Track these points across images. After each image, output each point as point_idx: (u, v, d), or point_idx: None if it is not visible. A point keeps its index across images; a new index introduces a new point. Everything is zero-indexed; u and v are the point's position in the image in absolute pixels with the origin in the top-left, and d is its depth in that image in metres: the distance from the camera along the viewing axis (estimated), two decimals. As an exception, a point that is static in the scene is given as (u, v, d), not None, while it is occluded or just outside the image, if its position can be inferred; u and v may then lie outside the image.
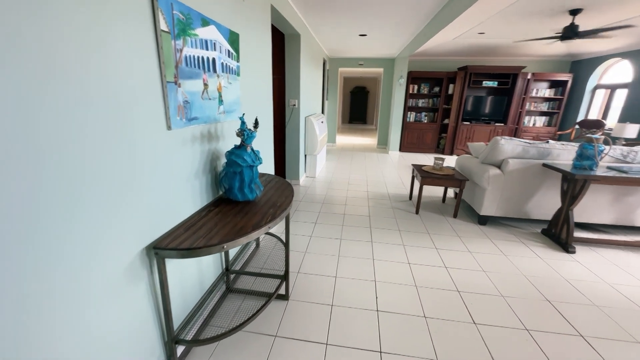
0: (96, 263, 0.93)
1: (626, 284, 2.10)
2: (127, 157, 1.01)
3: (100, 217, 0.93)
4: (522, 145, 2.80)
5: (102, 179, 0.92)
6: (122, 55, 0.96)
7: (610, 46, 5.13)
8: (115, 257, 1.00)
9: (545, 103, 6.53)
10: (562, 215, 2.64)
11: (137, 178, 1.07)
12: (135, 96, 1.03)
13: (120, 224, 1.01)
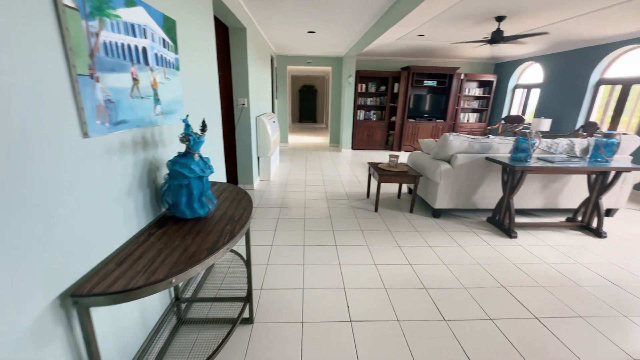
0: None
1: (560, 262, 2.35)
2: (21, 179, 0.73)
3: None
4: (468, 141, 2.98)
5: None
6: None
7: (525, 51, 5.85)
8: (7, 320, 0.72)
9: (476, 101, 7.22)
10: (504, 204, 2.88)
11: (40, 204, 0.78)
12: (28, 95, 0.74)
13: (13, 270, 0.72)
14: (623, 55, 4.49)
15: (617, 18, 3.62)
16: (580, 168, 2.60)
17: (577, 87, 5.02)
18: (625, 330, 1.66)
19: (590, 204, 2.91)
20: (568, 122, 5.19)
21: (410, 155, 3.76)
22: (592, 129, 4.54)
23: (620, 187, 3.12)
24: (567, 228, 2.99)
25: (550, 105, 5.60)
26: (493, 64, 7.29)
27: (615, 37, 4.31)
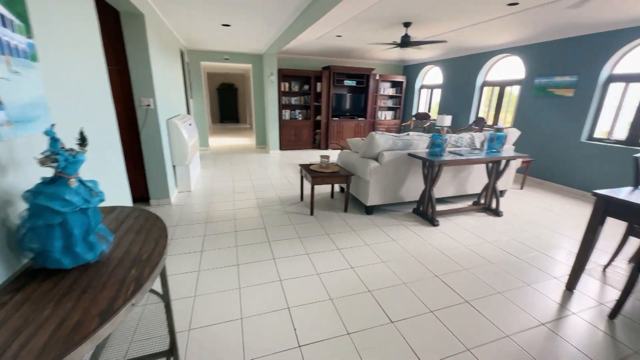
0: None
1: (474, 243, 2.65)
2: None
3: None
4: (392, 139, 3.13)
5: None
6: None
7: (427, 55, 6.59)
8: None
9: (390, 100, 7.86)
10: (426, 195, 3.12)
11: None
12: None
13: None
14: (500, 61, 5.43)
15: (496, 30, 4.31)
16: (482, 159, 2.99)
17: (468, 88, 5.89)
18: (531, 298, 1.93)
19: (489, 189, 3.39)
20: (463, 117, 6.06)
21: (340, 154, 3.78)
22: (482, 124, 5.38)
23: (507, 172, 3.75)
24: (474, 211, 3.43)
25: (449, 103, 6.45)
26: (402, 66, 8.02)
27: (494, 47, 5.17)
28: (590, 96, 3.92)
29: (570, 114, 4.16)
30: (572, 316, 1.78)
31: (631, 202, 1.67)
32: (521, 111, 4.86)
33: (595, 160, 3.92)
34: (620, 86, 3.75)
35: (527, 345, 1.55)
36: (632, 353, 1.52)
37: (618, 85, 3.77)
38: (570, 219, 3.26)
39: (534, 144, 4.68)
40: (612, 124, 3.90)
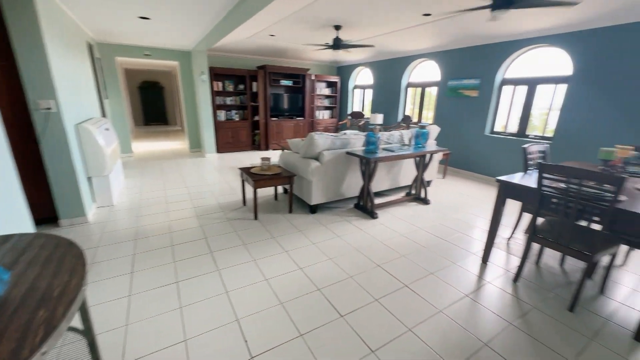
0: None
1: (409, 231, 2.92)
2: None
3: None
4: (331, 139, 3.23)
5: None
6: None
7: (358, 57, 6.95)
8: None
9: (327, 99, 8.09)
10: (365, 190, 3.31)
11: None
12: None
13: None
14: (420, 64, 6.03)
15: (415, 37, 4.76)
16: (411, 154, 3.29)
17: (395, 89, 6.41)
18: (457, 274, 2.22)
19: (418, 180, 3.76)
20: (392, 116, 6.58)
21: (281, 155, 3.75)
22: (408, 121, 5.92)
23: (432, 164, 4.20)
24: (407, 201, 3.77)
25: (380, 103, 6.93)
26: (335, 67, 8.32)
27: (415, 51, 5.72)
28: (489, 97, 4.64)
29: (476, 111, 4.86)
30: (487, 285, 2.10)
31: (522, 185, 2.03)
32: (439, 109, 5.49)
33: (497, 151, 4.66)
34: (510, 88, 4.52)
35: (456, 316, 1.78)
36: (531, 308, 1.87)
37: (509, 87, 4.53)
38: (483, 202, 3.82)
39: (451, 138, 5.34)
40: (506, 119, 4.68)
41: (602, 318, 1.79)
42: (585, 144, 3.67)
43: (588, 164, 2.67)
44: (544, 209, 1.94)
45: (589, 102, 3.60)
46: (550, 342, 1.60)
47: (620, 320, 1.78)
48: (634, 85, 3.22)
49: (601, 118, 3.51)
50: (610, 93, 3.41)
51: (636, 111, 3.24)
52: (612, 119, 3.42)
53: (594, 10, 3.09)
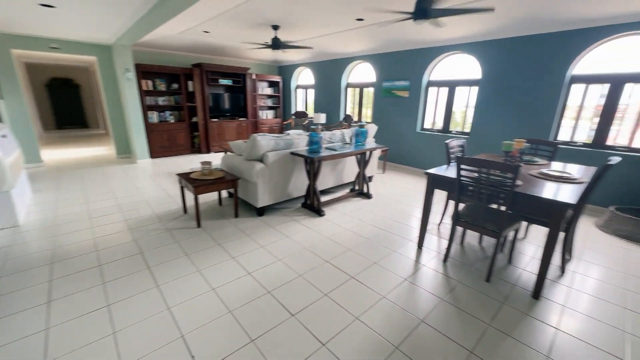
0: None
1: (354, 225, 3.08)
2: None
3: None
4: (274, 140, 3.22)
5: None
6: None
7: (298, 57, 7.01)
8: None
9: (270, 99, 7.99)
10: (311, 189, 3.38)
11: None
12: None
13: None
14: (358, 66, 6.34)
15: (351, 40, 4.98)
16: (352, 152, 3.46)
17: (336, 89, 6.64)
18: (397, 260, 2.42)
19: (360, 176, 3.98)
20: (335, 115, 6.81)
21: (223, 158, 3.61)
22: (350, 120, 6.19)
23: (372, 161, 4.48)
24: (352, 197, 3.96)
25: (322, 102, 7.10)
26: (276, 67, 8.25)
27: (352, 53, 5.98)
28: (418, 97, 5.11)
29: (408, 110, 5.31)
30: (422, 267, 2.34)
31: (445, 176, 2.31)
32: (376, 109, 5.86)
33: (427, 145, 5.16)
34: (435, 89, 5.05)
35: (397, 299, 1.95)
36: (457, 283, 2.14)
37: (434, 88, 5.06)
38: (419, 193, 4.21)
39: (388, 135, 5.75)
40: (433, 117, 5.21)
41: (510, 284, 2.14)
42: (494, 137, 4.30)
43: (496, 155, 3.14)
44: (463, 196, 2.23)
45: (494, 102, 4.22)
46: (472, 310, 1.86)
47: (523, 283, 2.15)
48: (524, 88, 3.88)
49: (504, 116, 4.15)
50: (508, 95, 4.05)
51: (526, 110, 3.90)
52: (511, 117, 4.07)
53: (495, 24, 3.63)
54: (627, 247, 2.74)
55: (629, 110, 3.34)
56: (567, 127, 3.77)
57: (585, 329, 1.74)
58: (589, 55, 3.46)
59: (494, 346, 1.59)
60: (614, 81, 3.34)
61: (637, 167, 3.22)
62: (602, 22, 3.18)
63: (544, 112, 3.78)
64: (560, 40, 3.52)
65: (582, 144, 3.66)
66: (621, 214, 2.97)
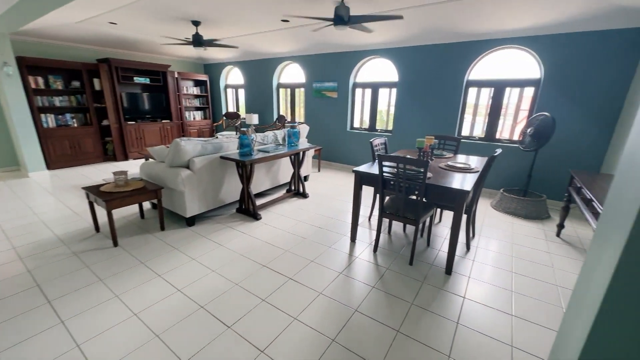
0: None
1: (291, 226, 3.11)
2: None
3: None
4: (201, 144, 3.03)
5: None
6: None
7: (225, 56, 6.70)
8: None
9: (197, 99, 7.46)
10: (245, 193, 3.29)
11: None
12: None
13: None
14: (288, 66, 6.35)
15: (279, 40, 4.97)
16: (285, 153, 3.47)
17: (267, 89, 6.55)
18: (332, 256, 2.53)
19: (295, 176, 4.02)
20: (268, 115, 6.73)
21: (142, 166, 3.25)
22: (283, 121, 6.20)
23: (306, 160, 4.57)
24: (288, 197, 3.98)
25: (254, 103, 6.93)
26: (202, 65, 7.75)
27: (282, 54, 5.96)
28: (346, 97, 5.39)
29: (338, 110, 5.56)
30: (356, 260, 2.49)
31: (370, 173, 2.50)
32: (308, 109, 5.99)
33: (357, 143, 5.49)
34: (361, 91, 5.39)
35: (333, 293, 2.04)
36: (386, 270, 2.34)
37: (359, 90, 5.39)
38: (352, 189, 4.45)
39: (321, 134, 5.92)
40: (360, 116, 5.56)
41: (428, 264, 2.44)
42: (412, 134, 4.81)
43: (413, 151, 3.52)
44: (386, 189, 2.44)
45: (410, 103, 4.71)
46: (398, 293, 2.07)
47: (438, 262, 2.47)
48: (433, 91, 4.43)
49: (419, 115, 4.67)
50: (421, 96, 4.57)
51: (436, 110, 4.46)
52: (425, 115, 4.61)
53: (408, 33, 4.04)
54: (513, 222, 3.36)
55: (508, 109, 4.09)
56: (467, 123, 4.43)
57: (485, 293, 2.09)
58: (480, 64, 4.12)
59: (416, 322, 1.80)
60: (497, 86, 4.05)
61: (517, 155, 3.98)
62: (488, 36, 3.81)
63: (450, 111, 4.37)
64: (459, 50, 4.11)
65: (478, 138, 4.35)
66: (508, 194, 3.63)
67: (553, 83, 3.58)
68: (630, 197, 0.70)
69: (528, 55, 3.76)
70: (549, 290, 2.14)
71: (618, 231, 0.73)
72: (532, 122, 3.43)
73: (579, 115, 3.51)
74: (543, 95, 3.67)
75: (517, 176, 4.03)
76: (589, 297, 0.81)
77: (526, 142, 3.46)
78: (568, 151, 3.65)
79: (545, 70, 3.60)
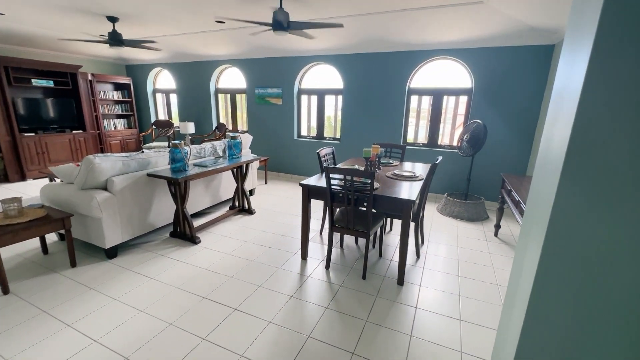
0: None
1: (237, 247, 2.97)
2: None
3: None
4: (122, 160, 2.74)
5: None
6: None
7: (152, 57, 6.25)
8: None
9: (118, 105, 6.80)
10: (180, 214, 3.06)
11: None
12: None
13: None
14: (226, 70, 6.17)
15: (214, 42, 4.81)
16: (225, 167, 3.33)
17: (204, 94, 6.27)
18: (282, 278, 2.47)
19: (239, 191, 3.88)
20: (206, 124, 6.42)
21: (43, 190, 2.81)
22: (223, 129, 5.98)
23: (251, 173, 4.45)
24: (232, 215, 3.81)
25: (189, 110, 6.57)
26: (124, 66, 7.12)
27: (219, 56, 5.77)
28: (292, 104, 5.43)
29: (284, 118, 5.56)
30: (308, 279, 2.47)
31: (317, 186, 2.53)
32: (251, 116, 5.88)
33: (305, 153, 5.54)
34: (306, 97, 5.48)
35: (284, 321, 1.99)
36: (339, 287, 2.37)
37: (305, 96, 5.48)
38: (299, 201, 4.45)
39: (266, 143, 5.85)
40: (308, 124, 5.64)
41: (381, 276, 2.53)
42: (360, 141, 5.02)
43: (362, 160, 3.67)
44: (335, 202, 2.49)
45: (356, 110, 4.93)
46: (353, 311, 2.10)
47: (390, 273, 2.58)
48: (378, 98, 4.71)
49: (365, 122, 4.91)
50: (367, 103, 4.82)
51: (382, 116, 4.75)
52: (371, 122, 4.86)
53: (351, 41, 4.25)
54: (457, 224, 3.70)
55: (447, 115, 4.53)
56: (412, 129, 4.79)
57: (435, 300, 2.24)
58: (420, 73, 4.51)
59: (371, 341, 1.84)
60: (436, 94, 4.47)
61: (456, 160, 4.42)
62: (425, 47, 4.20)
63: (395, 118, 4.68)
64: (400, 59, 4.44)
65: (422, 144, 4.73)
66: (452, 198, 3.99)
67: (482, 92, 4.08)
68: (544, 195, 0.82)
69: (460, 67, 4.24)
70: (491, 290, 2.39)
71: (537, 227, 0.84)
72: (467, 128, 3.85)
73: (505, 123, 4.05)
74: (475, 104, 4.15)
75: (458, 180, 4.47)
76: (519, 292, 0.92)
77: (464, 147, 3.86)
78: (499, 156, 4.17)
79: (475, 80, 4.09)
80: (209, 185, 3.69)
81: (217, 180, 3.83)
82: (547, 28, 3.23)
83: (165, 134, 6.62)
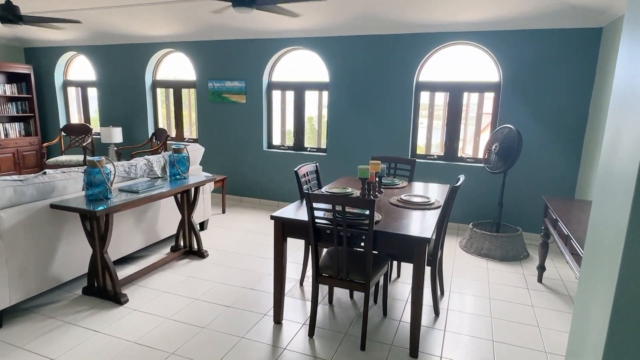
0: None
1: (181, 308, 2.87)
2: None
3: None
4: (12, 186, 2.64)
5: None
6: None
7: (62, 37, 6.20)
8: None
9: (11, 104, 6.64)
10: (98, 262, 2.94)
11: None
12: None
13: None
14: (168, 56, 6.18)
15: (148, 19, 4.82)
16: (165, 192, 3.27)
17: (137, 88, 6.23)
18: (246, 353, 2.39)
19: (185, 225, 3.80)
20: (140, 129, 6.35)
21: None
22: (164, 137, 5.91)
23: (202, 199, 4.39)
24: (175, 260, 3.71)
25: (115, 110, 6.50)
26: (22, 49, 7.02)
27: (157, 38, 5.79)
28: (260, 103, 5.47)
29: (249, 121, 5.58)
30: (284, 353, 2.40)
31: (295, 219, 2.51)
32: (203, 119, 5.87)
33: (278, 169, 5.54)
34: (279, 93, 5.55)
35: (249, 417, 1.90)
36: (328, 363, 2.31)
37: (277, 92, 5.55)
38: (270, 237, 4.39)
39: (225, 157, 5.82)
40: (282, 131, 5.68)
41: (387, 345, 2.49)
42: (354, 152, 5.09)
43: (357, 180, 3.69)
44: (321, 241, 2.47)
45: (347, 110, 5.03)
46: (348, 399, 2.04)
47: (400, 340, 2.55)
48: (376, 94, 4.83)
49: (360, 125, 5.00)
50: (361, 101, 4.93)
51: (379, 120, 4.85)
52: (368, 126, 4.96)
53: (337, 20, 4.37)
54: (488, 266, 3.74)
55: (469, 118, 4.69)
56: (422, 136, 4.91)
57: (462, 379, 2.21)
58: (432, 62, 4.67)
59: None
60: (453, 89, 4.63)
61: (484, 178, 4.53)
62: (438, 28, 4.38)
63: (399, 122, 4.79)
64: (405, 43, 4.61)
65: (437, 157, 4.83)
66: (478, 230, 4.06)
67: (512, 88, 4.26)
68: (611, 227, 0.81)
69: (484, 54, 4.43)
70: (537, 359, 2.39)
71: (604, 270, 0.83)
72: (496, 136, 3.97)
73: (543, 127, 4.22)
74: (504, 102, 4.32)
75: (487, 205, 4.57)
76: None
77: (492, 161, 3.97)
78: (538, 172, 4.32)
79: (502, 72, 4.28)
80: (141, 217, 3.60)
81: (154, 211, 3.74)
82: (593, 7, 3.45)
83: (79, 143, 6.47)
